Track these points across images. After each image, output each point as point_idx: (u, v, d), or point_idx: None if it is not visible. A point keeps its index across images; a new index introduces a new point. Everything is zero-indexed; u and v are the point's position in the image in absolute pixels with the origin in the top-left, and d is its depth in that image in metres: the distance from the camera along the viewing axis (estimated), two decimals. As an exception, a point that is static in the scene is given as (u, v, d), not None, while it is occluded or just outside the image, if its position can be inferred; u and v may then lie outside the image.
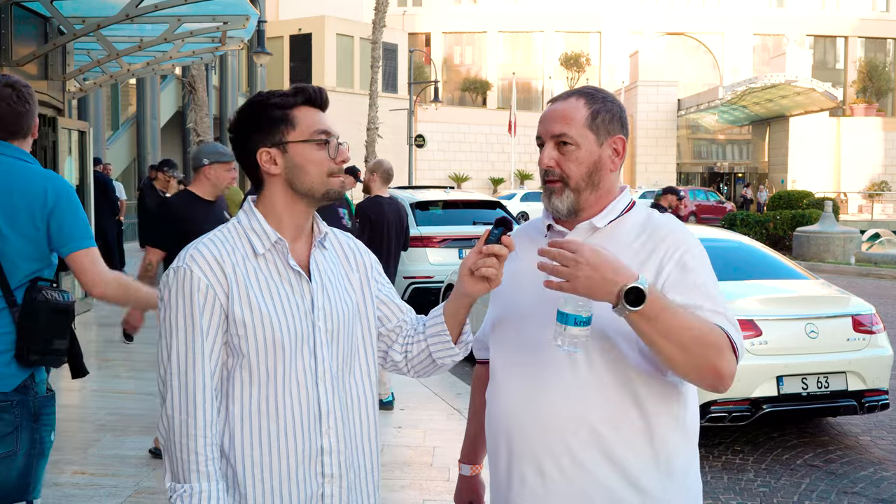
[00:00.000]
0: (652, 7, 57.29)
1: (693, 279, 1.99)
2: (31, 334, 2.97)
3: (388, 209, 7.21)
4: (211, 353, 1.95)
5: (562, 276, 1.84)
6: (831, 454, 6.21)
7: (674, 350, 1.87)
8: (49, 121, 10.58)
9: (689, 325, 1.87)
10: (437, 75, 40.92)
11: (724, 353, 1.90)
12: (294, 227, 2.07)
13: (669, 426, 2.04)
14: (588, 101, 2.10)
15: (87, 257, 3.05)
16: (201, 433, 1.91)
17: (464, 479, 2.45)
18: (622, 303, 1.82)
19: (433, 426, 6.46)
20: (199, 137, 18.61)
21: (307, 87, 2.05)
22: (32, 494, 3.07)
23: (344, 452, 2.04)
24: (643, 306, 1.82)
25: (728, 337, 1.92)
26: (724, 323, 1.94)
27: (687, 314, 1.89)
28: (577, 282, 1.84)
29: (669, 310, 1.86)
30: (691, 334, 1.87)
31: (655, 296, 1.84)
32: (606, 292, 1.83)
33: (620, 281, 1.83)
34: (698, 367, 1.90)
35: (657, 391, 2.02)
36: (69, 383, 7.50)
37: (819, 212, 22.10)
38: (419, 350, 2.16)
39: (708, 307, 1.95)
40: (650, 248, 2.04)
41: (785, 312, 6.23)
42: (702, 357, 1.88)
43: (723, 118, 53.24)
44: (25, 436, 2.99)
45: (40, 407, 3.04)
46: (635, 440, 2.01)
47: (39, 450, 3.06)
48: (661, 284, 1.99)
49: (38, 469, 3.08)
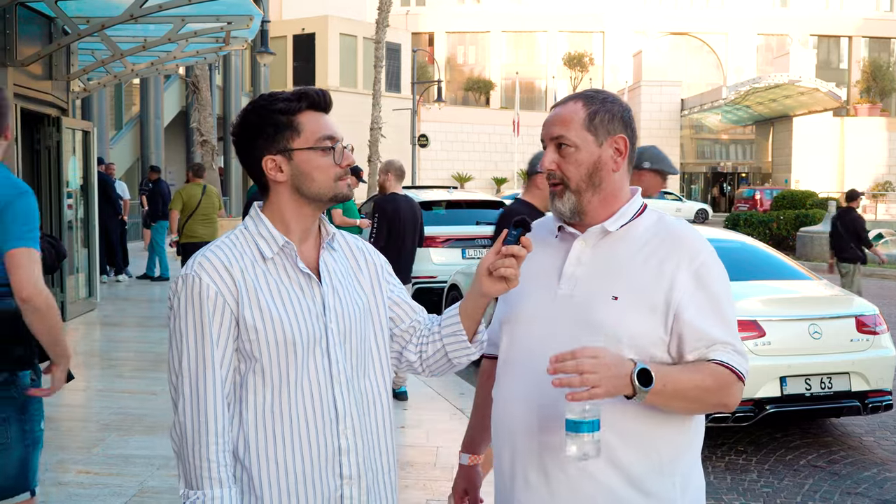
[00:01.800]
0: (655, 7, 57.24)
1: (708, 297, 2.03)
2: (30, 337, 2.96)
3: (404, 205, 7.31)
4: (222, 361, 1.96)
5: (590, 384, 1.84)
6: (835, 455, 6.21)
7: (685, 406, 2.02)
8: (53, 121, 10.61)
9: (694, 384, 1.97)
10: (440, 75, 40.89)
11: (730, 391, 2.01)
12: (301, 230, 2.07)
13: (673, 428, 2.05)
14: (586, 103, 2.11)
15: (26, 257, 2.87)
16: (213, 440, 1.92)
17: (462, 468, 2.48)
18: (637, 387, 1.88)
19: (437, 426, 6.46)
20: (202, 137, 18.64)
21: (311, 92, 2.04)
22: (33, 483, 3.12)
23: (362, 453, 2.04)
24: (653, 385, 1.89)
25: (734, 370, 2.00)
26: (729, 356, 2.01)
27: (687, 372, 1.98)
28: (608, 383, 1.86)
29: (671, 375, 1.94)
30: (698, 391, 1.98)
31: (655, 368, 1.92)
32: (622, 385, 1.88)
33: (628, 369, 1.89)
34: (708, 409, 2.06)
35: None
36: (74, 383, 7.50)
37: (823, 212, 22.06)
38: (435, 350, 2.17)
39: (718, 337, 2.01)
40: (662, 255, 2.05)
41: (788, 313, 6.23)
42: (710, 403, 2.02)
43: (726, 118, 53.19)
44: (15, 427, 3.01)
45: (26, 399, 3.05)
46: (639, 442, 2.02)
47: (32, 439, 3.09)
48: (677, 300, 2.01)
49: (34, 458, 3.12)
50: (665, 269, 2.02)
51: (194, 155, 22.83)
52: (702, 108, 49.75)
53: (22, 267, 2.86)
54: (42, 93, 10.30)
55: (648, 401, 1.92)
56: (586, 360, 1.84)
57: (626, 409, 2.01)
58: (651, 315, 2.01)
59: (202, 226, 10.97)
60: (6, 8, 9.17)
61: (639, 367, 1.88)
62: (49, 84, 10.57)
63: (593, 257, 2.10)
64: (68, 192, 11.03)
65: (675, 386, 1.93)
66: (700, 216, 39.42)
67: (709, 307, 2.01)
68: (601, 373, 1.84)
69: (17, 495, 3.07)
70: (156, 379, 7.68)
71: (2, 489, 3.04)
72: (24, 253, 2.87)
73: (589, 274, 2.09)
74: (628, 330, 1.98)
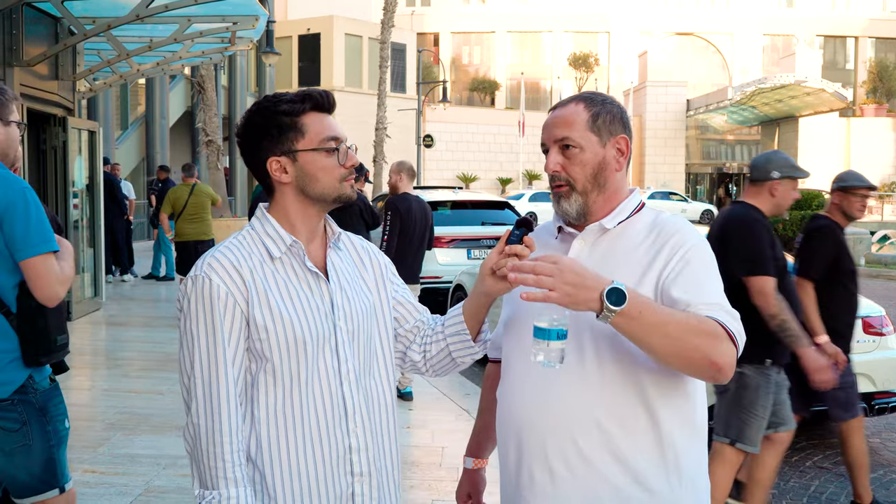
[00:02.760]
0: (661, 7, 57.22)
1: (692, 273, 2.00)
2: (35, 338, 3.01)
3: (416, 205, 7.33)
4: (234, 361, 1.96)
5: (545, 286, 1.83)
6: (841, 456, 6.19)
7: (663, 343, 1.86)
8: (59, 121, 10.63)
9: (674, 319, 1.87)
10: (445, 75, 40.93)
11: (718, 343, 1.88)
12: (308, 231, 2.08)
13: (678, 426, 2.05)
14: (588, 105, 2.13)
15: (44, 265, 2.91)
16: (227, 439, 1.93)
17: (466, 472, 2.48)
18: (605, 305, 1.82)
19: (442, 426, 6.46)
20: (207, 137, 18.68)
21: (314, 93, 2.05)
22: (62, 480, 3.16)
23: (371, 450, 2.06)
24: (625, 305, 1.81)
25: (724, 327, 1.91)
26: (718, 313, 1.93)
27: (671, 309, 1.90)
28: (562, 290, 1.83)
29: (651, 306, 1.87)
30: (679, 327, 1.86)
31: (634, 294, 1.85)
32: (589, 298, 1.83)
33: (601, 285, 1.83)
34: (691, 360, 1.88)
35: (666, 391, 2.03)
36: (79, 382, 7.54)
37: (828, 213, 22.01)
38: (438, 349, 2.19)
39: (703, 301, 1.95)
40: (658, 248, 2.06)
41: (794, 314, 6.20)
42: (694, 348, 1.86)
43: (732, 118, 53.14)
44: (36, 429, 3.05)
45: (45, 401, 3.09)
46: (644, 440, 2.02)
47: (56, 439, 3.13)
48: (663, 281, 2.00)
49: (60, 456, 3.16)
50: (656, 259, 2.03)
51: (199, 155, 22.88)
52: (707, 109, 49.71)
53: (40, 277, 2.92)
54: (48, 93, 10.33)
55: (620, 325, 1.84)
56: (544, 265, 1.83)
57: (632, 406, 2.01)
58: None
59: (190, 224, 11.12)
60: (13, 8, 9.20)
61: (613, 285, 1.82)
62: (55, 84, 10.60)
63: (592, 254, 2.11)
64: (74, 191, 11.06)
65: (653, 317, 1.84)
66: (706, 217, 39.38)
67: (694, 283, 1.98)
68: (557, 277, 1.82)
69: (46, 492, 3.12)
70: (161, 378, 7.70)
71: (29, 487, 3.10)
72: (41, 262, 2.92)
73: None
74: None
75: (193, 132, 26.73)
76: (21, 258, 2.91)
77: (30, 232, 2.89)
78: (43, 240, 2.92)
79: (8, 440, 3.02)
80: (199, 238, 11.02)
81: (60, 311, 3.10)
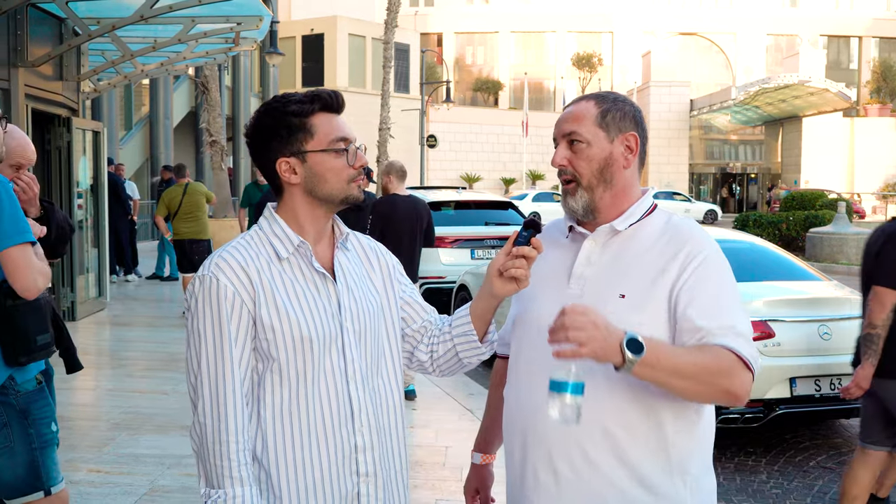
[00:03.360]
0: (664, 7, 57.16)
1: (707, 290, 2.00)
2: (14, 338, 2.99)
3: (403, 206, 7.27)
4: (240, 360, 1.97)
5: (577, 341, 1.83)
6: (845, 456, 6.19)
7: (682, 385, 1.92)
8: (63, 121, 10.65)
9: (690, 360, 1.91)
10: (448, 75, 40.90)
11: (734, 375, 1.93)
12: (315, 231, 2.09)
13: (684, 429, 2.05)
14: (598, 102, 2.15)
15: (21, 255, 2.85)
16: (233, 438, 1.93)
17: (474, 467, 2.48)
18: (626, 356, 1.84)
19: (445, 426, 6.47)
20: (211, 138, 18.70)
21: (323, 94, 2.05)
22: (48, 483, 3.13)
23: (378, 450, 2.06)
24: (644, 354, 1.84)
25: (738, 355, 1.94)
26: (732, 341, 1.95)
27: (685, 349, 1.94)
28: (595, 343, 1.83)
29: (665, 350, 1.90)
30: (696, 368, 1.91)
31: (648, 340, 1.87)
32: (613, 351, 1.84)
33: (619, 336, 1.85)
34: (710, 395, 1.96)
35: (672, 394, 2.03)
36: (84, 382, 7.55)
37: (832, 213, 21.99)
38: (445, 350, 2.19)
39: (718, 324, 1.96)
40: (670, 253, 2.05)
41: (798, 314, 6.21)
42: (712, 385, 1.93)
43: (735, 118, 53.07)
44: (17, 430, 3.02)
45: (27, 403, 3.06)
46: (649, 443, 2.02)
47: (41, 442, 3.09)
48: (676, 294, 2.00)
49: (45, 459, 3.12)
50: (669, 266, 2.03)
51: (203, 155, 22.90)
52: (711, 109, 49.64)
53: (19, 269, 2.85)
54: (52, 93, 10.35)
55: (641, 374, 1.87)
56: (575, 318, 1.83)
57: (638, 409, 2.02)
58: (656, 312, 2.02)
59: (185, 223, 11.16)
60: (17, 9, 9.21)
61: (629, 335, 1.84)
62: (59, 84, 10.62)
63: (602, 257, 2.11)
64: (78, 192, 11.08)
65: (671, 361, 1.88)
66: (709, 217, 39.35)
67: (707, 300, 1.99)
68: (588, 331, 1.82)
69: (30, 494, 3.10)
70: (166, 378, 7.71)
71: (14, 488, 3.08)
72: (17, 252, 2.85)
73: (598, 274, 2.10)
74: (634, 327, 1.97)
75: (197, 132, 26.75)
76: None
77: (3, 223, 2.82)
78: (18, 230, 2.84)
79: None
80: (194, 237, 11.04)
81: (40, 310, 3.07)
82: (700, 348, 1.94)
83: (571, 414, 1.85)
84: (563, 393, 1.85)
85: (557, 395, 1.86)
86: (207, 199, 11.54)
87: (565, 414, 1.85)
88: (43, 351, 3.11)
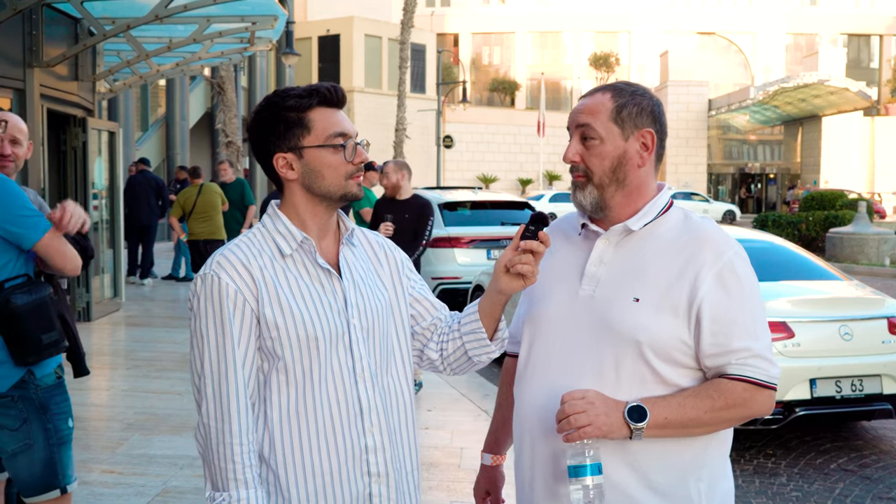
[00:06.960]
0: (682, 6, 56.97)
1: (730, 300, 1.96)
2: (18, 340, 2.98)
3: (396, 209, 7.11)
4: (244, 360, 1.93)
5: (580, 425, 1.87)
6: (866, 459, 6.10)
7: (702, 430, 1.97)
8: (79, 121, 10.68)
9: (703, 407, 1.94)
10: (465, 76, 40.92)
11: (750, 402, 1.96)
12: (318, 227, 2.04)
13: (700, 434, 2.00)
14: (615, 95, 2.06)
15: (52, 242, 3.00)
16: (238, 441, 1.90)
17: (484, 468, 2.43)
18: (631, 426, 1.87)
19: (461, 427, 6.42)
20: (227, 138, 18.75)
21: (321, 88, 2.00)
22: (63, 481, 3.12)
23: (389, 450, 2.02)
24: (648, 419, 1.88)
25: (751, 381, 1.95)
26: (750, 369, 1.95)
27: (694, 398, 1.94)
28: (599, 420, 1.87)
29: (674, 408, 1.92)
30: (711, 414, 1.94)
31: (652, 403, 1.91)
32: (619, 425, 1.88)
33: (620, 408, 1.89)
34: (733, 424, 2.01)
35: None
36: (98, 382, 7.55)
37: (852, 213, 21.80)
38: (455, 348, 2.14)
39: (734, 346, 1.95)
40: (687, 255, 1.98)
41: (818, 314, 6.12)
42: (730, 420, 1.98)
43: (754, 118, 52.80)
44: (37, 427, 3.02)
45: (46, 398, 3.06)
46: (662, 449, 1.97)
47: (57, 438, 3.09)
48: (699, 303, 1.95)
49: (62, 456, 3.12)
50: (688, 269, 1.96)
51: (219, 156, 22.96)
52: (729, 109, 49.44)
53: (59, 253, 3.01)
54: (68, 94, 10.37)
55: (656, 435, 1.90)
56: (574, 403, 1.87)
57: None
58: (673, 318, 1.95)
59: (199, 224, 11.32)
60: (32, 9, 9.23)
61: (629, 406, 1.88)
62: (75, 85, 10.64)
63: (615, 257, 2.05)
64: (94, 192, 11.11)
65: (679, 416, 1.91)
66: (727, 217, 39.14)
67: (729, 312, 1.95)
68: (590, 411, 1.86)
69: (46, 493, 3.08)
70: (180, 379, 7.70)
71: (29, 486, 3.08)
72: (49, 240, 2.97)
73: (611, 274, 2.04)
74: (648, 332, 1.94)
75: (213, 133, 26.83)
76: (29, 246, 2.96)
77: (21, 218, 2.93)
78: (37, 219, 2.97)
79: (10, 440, 2.99)
80: (209, 237, 11.14)
81: (43, 310, 3.05)
82: (707, 391, 1.94)
83: (596, 495, 1.88)
84: (584, 477, 1.88)
85: (578, 480, 1.88)
86: (222, 199, 11.62)
87: (589, 497, 1.88)
88: (53, 348, 3.09)
